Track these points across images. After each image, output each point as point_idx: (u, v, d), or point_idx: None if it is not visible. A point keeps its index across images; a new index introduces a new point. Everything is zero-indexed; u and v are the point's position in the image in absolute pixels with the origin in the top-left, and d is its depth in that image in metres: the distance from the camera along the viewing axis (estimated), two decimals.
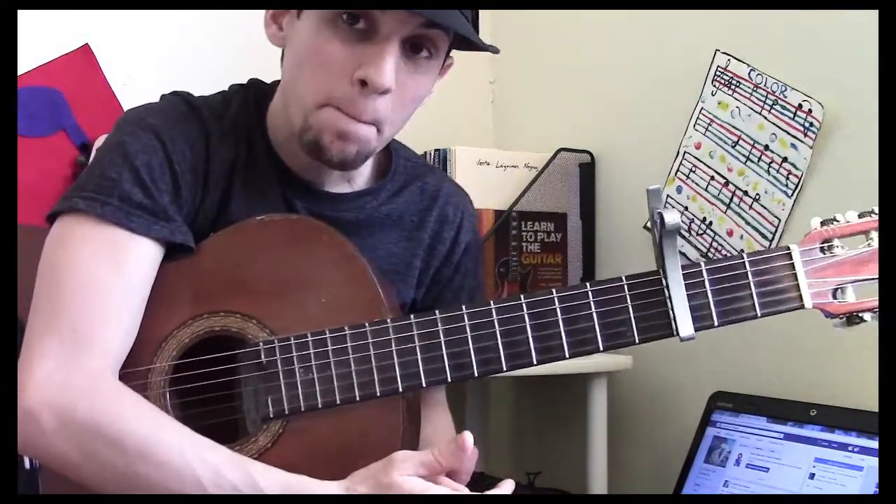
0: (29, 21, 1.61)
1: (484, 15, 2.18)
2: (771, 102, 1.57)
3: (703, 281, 1.03)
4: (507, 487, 1.06)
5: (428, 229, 1.25)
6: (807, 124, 1.51)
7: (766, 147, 1.58)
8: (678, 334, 1.02)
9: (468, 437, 1.01)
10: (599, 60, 1.93)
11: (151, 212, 1.08)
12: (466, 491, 1.03)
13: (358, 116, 1.08)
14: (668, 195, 1.73)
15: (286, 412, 1.07)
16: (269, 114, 1.19)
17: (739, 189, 1.62)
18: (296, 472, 1.02)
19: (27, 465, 1.10)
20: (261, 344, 1.08)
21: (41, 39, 1.68)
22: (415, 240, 1.24)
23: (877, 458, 1.29)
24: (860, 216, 1.04)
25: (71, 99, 1.71)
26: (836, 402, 1.40)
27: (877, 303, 1.01)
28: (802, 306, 1.02)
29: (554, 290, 1.04)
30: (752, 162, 1.60)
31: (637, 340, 1.03)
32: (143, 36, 1.78)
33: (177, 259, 1.11)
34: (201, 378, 1.09)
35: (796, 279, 1.02)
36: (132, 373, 1.08)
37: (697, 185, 1.69)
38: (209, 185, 1.14)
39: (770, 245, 1.57)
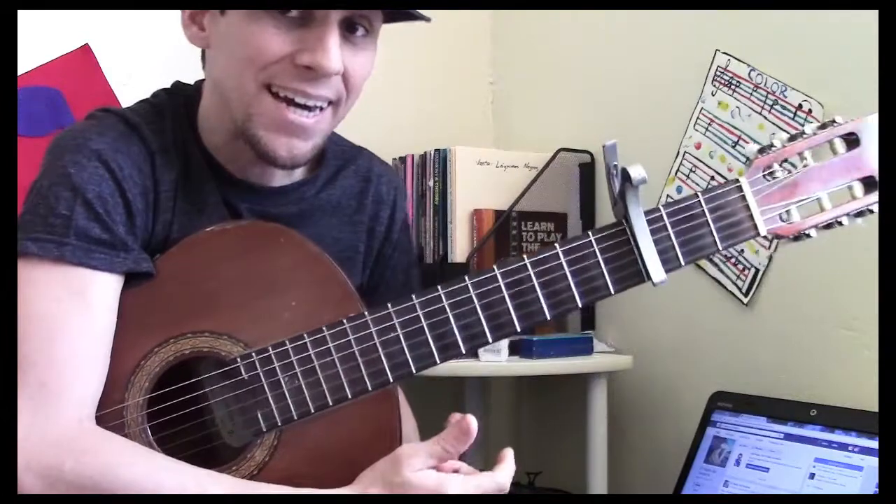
0: (29, 21, 1.61)
1: (484, 15, 2.19)
2: (771, 102, 1.57)
3: (665, 224, 1.05)
4: (508, 458, 1.05)
5: (366, 212, 1.24)
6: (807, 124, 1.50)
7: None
8: (650, 279, 1.04)
9: (472, 420, 1.01)
10: (599, 60, 1.93)
11: (111, 245, 1.03)
12: (475, 472, 1.03)
13: (304, 102, 1.06)
14: (667, 195, 1.73)
15: (279, 424, 1.04)
16: (200, 116, 1.14)
17: None
18: (301, 478, 1.01)
19: None
20: (238, 359, 1.04)
21: (41, 39, 1.68)
22: (356, 224, 1.23)
23: (877, 458, 1.29)
24: (791, 139, 1.08)
25: (71, 99, 1.71)
26: (836, 402, 1.40)
27: (819, 219, 1.05)
28: (758, 234, 1.06)
29: (525, 257, 1.04)
30: None
31: (612, 291, 1.04)
32: (143, 36, 1.78)
33: (133, 286, 1.05)
34: (181, 406, 1.04)
35: (749, 209, 1.05)
36: (107, 413, 1.03)
37: (697, 185, 1.69)
38: (159, 208, 1.09)
39: (769, 246, 1.57)
